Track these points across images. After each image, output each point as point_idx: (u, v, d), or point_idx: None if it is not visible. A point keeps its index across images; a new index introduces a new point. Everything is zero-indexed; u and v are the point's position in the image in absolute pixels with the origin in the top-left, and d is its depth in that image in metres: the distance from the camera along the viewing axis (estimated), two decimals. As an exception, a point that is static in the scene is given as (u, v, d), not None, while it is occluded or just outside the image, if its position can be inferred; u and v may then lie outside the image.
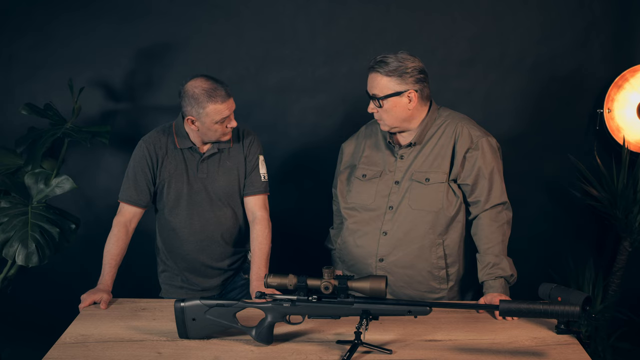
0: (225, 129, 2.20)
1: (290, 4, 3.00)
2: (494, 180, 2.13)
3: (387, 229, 2.16)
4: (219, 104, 2.13)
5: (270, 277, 1.73)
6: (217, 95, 2.12)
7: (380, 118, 2.17)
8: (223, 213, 2.32)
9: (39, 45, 2.97)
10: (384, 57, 2.10)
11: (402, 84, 2.09)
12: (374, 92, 2.12)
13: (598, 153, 3.05)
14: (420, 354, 1.73)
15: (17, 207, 2.57)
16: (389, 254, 2.15)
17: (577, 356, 1.72)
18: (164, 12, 2.97)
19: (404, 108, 2.12)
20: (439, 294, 2.18)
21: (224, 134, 2.22)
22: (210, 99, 2.12)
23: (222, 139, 2.24)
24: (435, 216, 2.13)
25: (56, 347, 1.76)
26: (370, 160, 2.27)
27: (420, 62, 2.13)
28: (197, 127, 2.19)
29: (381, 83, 2.10)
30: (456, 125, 2.17)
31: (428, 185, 2.14)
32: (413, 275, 2.15)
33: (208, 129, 2.18)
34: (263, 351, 1.75)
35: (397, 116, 2.13)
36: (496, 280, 2.05)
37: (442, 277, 2.16)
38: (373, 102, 2.14)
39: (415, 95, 2.11)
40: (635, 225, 2.95)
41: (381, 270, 2.16)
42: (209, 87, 2.12)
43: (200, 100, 2.12)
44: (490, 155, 2.14)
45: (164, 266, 2.41)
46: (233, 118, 2.20)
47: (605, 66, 3.07)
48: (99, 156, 3.08)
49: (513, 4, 3.02)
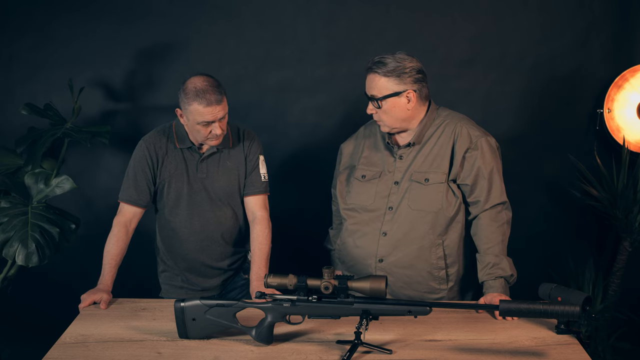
0: (209, 134, 2.16)
1: (290, 4, 3.00)
2: (493, 180, 2.13)
3: (386, 229, 2.16)
4: (201, 107, 2.09)
5: (270, 277, 1.73)
6: (204, 97, 2.09)
7: (379, 119, 2.16)
8: (223, 213, 2.32)
9: (39, 45, 2.97)
10: (382, 58, 2.10)
11: (400, 84, 2.09)
12: (372, 93, 2.12)
13: (598, 153, 3.05)
14: (420, 354, 1.73)
15: (17, 207, 2.57)
16: (388, 254, 2.15)
17: (577, 356, 1.72)
18: (164, 12, 2.97)
19: (403, 108, 2.12)
20: (438, 295, 2.18)
21: (206, 137, 2.18)
22: (196, 99, 2.10)
23: (208, 142, 2.22)
24: (435, 216, 2.13)
25: (56, 347, 1.76)
26: (370, 161, 2.26)
27: (418, 62, 2.13)
28: (184, 121, 2.19)
29: (379, 84, 2.10)
30: (455, 125, 2.17)
31: (427, 185, 2.14)
32: (413, 275, 2.15)
33: (192, 126, 2.17)
34: (263, 351, 1.75)
35: (397, 116, 2.13)
36: (496, 280, 2.05)
37: (441, 277, 2.16)
38: (372, 103, 2.14)
39: (414, 95, 2.11)
40: (635, 225, 2.95)
41: (381, 270, 2.15)
42: (201, 88, 2.10)
43: (188, 96, 2.11)
44: (489, 155, 2.14)
45: (164, 266, 2.41)
46: (219, 126, 2.14)
47: (605, 66, 3.07)
48: (99, 156, 3.08)
49: (513, 4, 3.02)
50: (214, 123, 2.14)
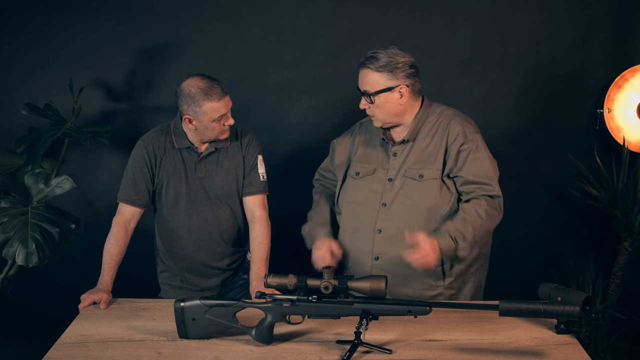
0: (223, 126, 2.19)
1: (290, 4, 3.00)
2: (488, 176, 2.12)
3: (381, 226, 2.15)
4: (215, 102, 2.12)
5: (270, 277, 1.73)
6: (213, 93, 2.11)
7: (372, 114, 2.16)
8: (222, 212, 2.32)
9: (39, 45, 2.98)
10: (374, 53, 2.09)
11: (393, 79, 2.09)
12: (365, 88, 2.12)
13: (598, 153, 3.05)
14: (420, 354, 1.73)
15: (17, 207, 2.57)
16: (384, 251, 2.15)
17: (577, 356, 1.72)
18: (164, 12, 2.97)
19: (395, 103, 2.12)
20: (436, 291, 2.17)
21: (221, 132, 2.21)
22: (207, 97, 2.11)
23: (220, 137, 2.24)
24: (429, 212, 2.12)
25: (56, 347, 1.76)
26: (364, 158, 2.26)
27: (411, 56, 2.12)
28: (194, 126, 2.18)
29: (372, 79, 2.09)
30: (449, 121, 2.17)
31: (422, 181, 2.13)
32: (409, 272, 2.14)
33: (206, 127, 2.17)
34: (263, 351, 1.75)
35: (389, 111, 2.13)
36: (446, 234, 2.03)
37: (438, 273, 2.16)
38: (364, 98, 2.14)
39: (406, 90, 2.11)
40: (635, 225, 2.95)
41: (377, 268, 2.15)
42: (205, 85, 2.12)
43: (196, 98, 2.12)
44: (484, 150, 2.14)
45: (164, 266, 2.41)
46: (230, 116, 2.20)
47: (605, 66, 3.07)
48: (99, 156, 3.08)
49: (513, 4, 3.02)
50: (226, 114, 2.17)
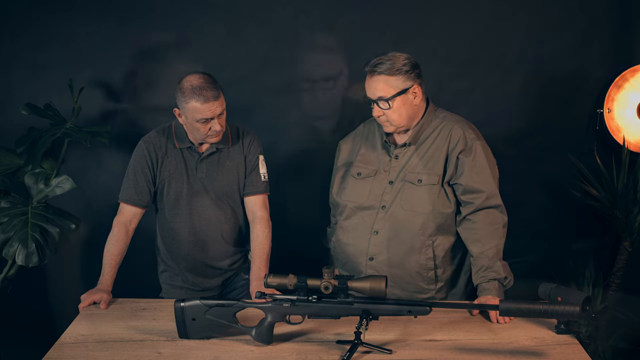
0: (208, 131, 2.17)
1: (290, 4, 2.99)
2: (487, 183, 2.12)
3: (378, 228, 2.16)
4: (199, 104, 2.10)
5: (270, 277, 1.73)
6: (201, 94, 2.09)
7: (387, 119, 2.15)
8: (223, 212, 2.32)
9: (39, 45, 2.97)
10: (381, 59, 2.09)
11: (407, 80, 2.10)
12: (380, 94, 2.10)
13: (598, 153, 3.05)
14: (420, 354, 1.73)
15: (17, 207, 2.57)
16: (378, 253, 2.16)
17: (577, 356, 1.72)
18: (164, 12, 2.97)
19: (411, 105, 2.13)
20: (427, 295, 2.18)
21: (206, 135, 2.18)
22: (193, 96, 2.10)
23: (208, 140, 2.22)
24: (426, 218, 2.12)
25: (56, 347, 1.77)
26: (366, 159, 2.27)
27: (412, 57, 2.14)
28: (183, 121, 2.19)
29: (387, 83, 2.09)
30: (452, 127, 2.17)
31: (420, 186, 2.14)
32: (401, 275, 2.15)
33: (191, 125, 2.16)
34: (263, 351, 1.75)
35: (405, 114, 2.13)
36: (490, 282, 2.03)
37: (430, 277, 2.16)
38: (380, 105, 2.12)
39: (419, 90, 2.13)
40: (635, 225, 2.95)
41: (371, 269, 2.16)
42: (198, 85, 2.10)
43: (185, 94, 2.11)
44: (484, 158, 2.14)
45: (165, 266, 2.41)
46: (218, 122, 2.15)
47: (605, 66, 3.07)
48: (99, 156, 3.08)
49: (513, 4, 3.02)
50: (213, 120, 2.14)
